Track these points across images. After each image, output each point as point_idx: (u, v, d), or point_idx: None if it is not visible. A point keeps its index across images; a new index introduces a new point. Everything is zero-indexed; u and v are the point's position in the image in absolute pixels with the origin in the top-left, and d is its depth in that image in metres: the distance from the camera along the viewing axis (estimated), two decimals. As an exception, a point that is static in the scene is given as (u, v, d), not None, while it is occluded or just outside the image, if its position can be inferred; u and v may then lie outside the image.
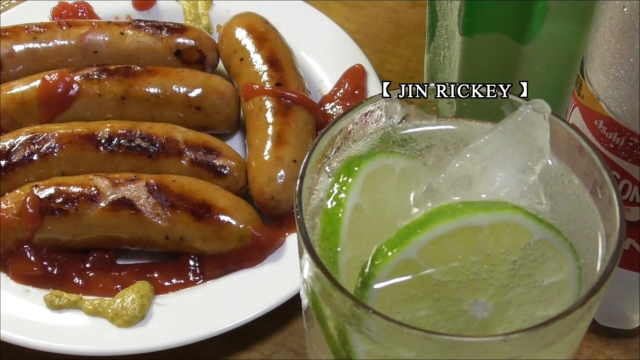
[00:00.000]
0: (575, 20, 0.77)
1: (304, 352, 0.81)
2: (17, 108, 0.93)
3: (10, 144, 0.89)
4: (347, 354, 0.50)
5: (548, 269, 0.50)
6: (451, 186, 0.53)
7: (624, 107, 0.63)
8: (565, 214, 0.54)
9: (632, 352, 0.79)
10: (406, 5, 1.15)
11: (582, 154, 0.54)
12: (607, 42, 0.62)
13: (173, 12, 1.10)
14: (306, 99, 0.94)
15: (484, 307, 0.49)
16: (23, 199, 0.84)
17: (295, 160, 0.88)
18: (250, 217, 0.85)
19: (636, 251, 0.71)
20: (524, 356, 0.47)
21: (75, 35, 0.98)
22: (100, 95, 0.93)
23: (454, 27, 0.80)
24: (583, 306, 0.46)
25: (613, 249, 0.49)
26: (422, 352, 0.46)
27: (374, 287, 0.48)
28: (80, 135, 0.89)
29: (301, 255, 0.51)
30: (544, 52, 0.79)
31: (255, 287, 0.82)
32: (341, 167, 0.53)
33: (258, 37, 0.98)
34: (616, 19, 0.61)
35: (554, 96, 0.85)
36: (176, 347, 0.78)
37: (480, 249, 0.49)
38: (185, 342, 0.78)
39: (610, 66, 0.63)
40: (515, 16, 0.75)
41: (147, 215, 0.83)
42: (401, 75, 1.06)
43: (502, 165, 0.53)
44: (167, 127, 0.92)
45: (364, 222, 0.51)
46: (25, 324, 0.79)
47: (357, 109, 0.57)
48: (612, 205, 0.51)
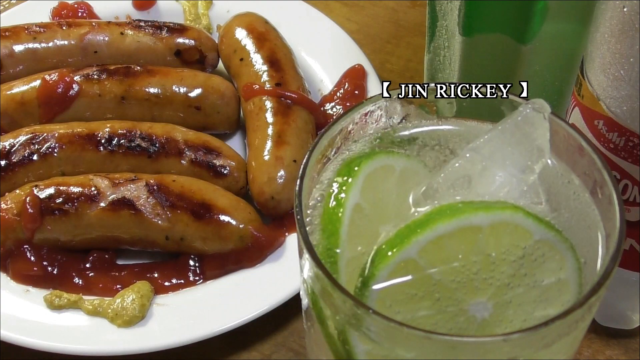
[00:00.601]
0: (575, 20, 0.77)
1: (304, 352, 0.81)
2: (17, 108, 0.93)
3: (10, 144, 0.89)
4: (347, 354, 0.50)
5: (548, 268, 0.50)
6: (451, 186, 0.53)
7: (624, 107, 0.63)
8: (565, 213, 0.54)
9: (632, 352, 0.79)
10: (406, 5, 1.15)
11: (582, 154, 0.54)
12: (607, 42, 0.62)
13: (173, 12, 1.10)
14: (306, 99, 0.94)
15: (484, 307, 0.49)
16: (23, 199, 0.84)
17: (295, 160, 0.88)
18: (250, 217, 0.85)
19: (636, 251, 0.71)
20: (524, 356, 0.47)
21: (75, 35, 0.98)
22: (100, 95, 0.93)
23: (454, 27, 0.80)
24: (583, 306, 0.46)
25: (613, 249, 0.49)
26: (422, 352, 0.46)
27: (373, 287, 0.48)
28: (80, 135, 0.89)
29: (301, 255, 0.51)
30: (544, 52, 0.79)
31: (255, 287, 0.82)
32: (341, 167, 0.53)
33: (258, 37, 0.98)
34: (616, 19, 0.61)
35: (554, 96, 0.85)
36: (176, 347, 0.78)
37: (481, 248, 0.49)
38: (185, 342, 0.78)
39: (610, 66, 0.63)
40: (515, 16, 0.75)
41: (147, 215, 0.83)
42: (401, 75, 1.06)
43: (501, 164, 0.53)
44: (167, 127, 0.92)
45: (364, 222, 0.51)
46: (25, 324, 0.79)
47: (357, 109, 0.57)
48: (612, 205, 0.51)
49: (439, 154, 0.58)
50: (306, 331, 0.59)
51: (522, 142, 0.53)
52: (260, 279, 0.83)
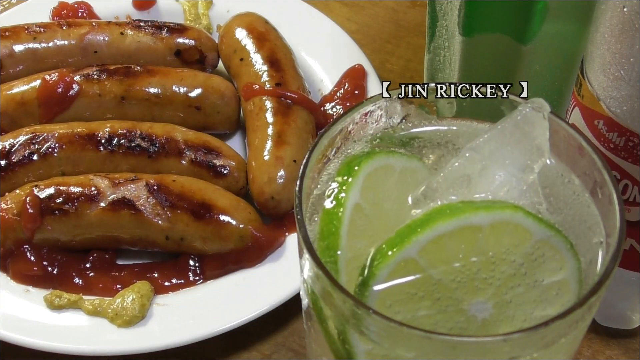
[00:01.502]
0: (575, 20, 0.77)
1: (304, 352, 0.81)
2: (17, 108, 0.93)
3: (10, 144, 0.89)
4: (347, 353, 0.50)
5: (548, 268, 0.49)
6: (450, 185, 0.53)
7: (624, 107, 0.63)
8: (565, 213, 0.54)
9: (632, 352, 0.79)
10: (406, 5, 1.15)
11: (582, 154, 0.54)
12: (607, 42, 0.62)
13: (173, 12, 1.09)
14: (306, 99, 0.94)
15: (484, 307, 0.49)
16: (23, 198, 0.84)
17: (295, 160, 0.88)
18: (250, 217, 0.85)
19: (636, 251, 0.71)
20: (524, 356, 0.46)
21: (75, 35, 0.98)
22: (100, 95, 0.93)
23: (454, 27, 0.80)
24: (583, 306, 0.46)
25: (613, 249, 0.48)
26: (422, 352, 0.46)
27: (374, 286, 0.48)
28: (80, 135, 0.89)
29: (301, 255, 0.51)
30: (544, 52, 0.79)
31: (255, 287, 0.82)
32: (341, 167, 0.53)
33: (258, 37, 0.98)
34: (616, 19, 0.61)
35: (554, 96, 0.85)
36: (176, 347, 0.78)
37: (481, 248, 0.49)
38: (185, 342, 0.78)
39: (610, 66, 0.62)
40: (515, 16, 0.75)
41: (147, 215, 0.83)
42: (401, 75, 1.06)
43: (501, 164, 0.53)
44: (167, 127, 0.91)
45: (364, 222, 0.51)
46: (25, 324, 0.79)
47: (357, 109, 0.57)
48: (612, 205, 0.50)
49: (439, 154, 0.58)
50: (306, 331, 0.59)
51: (521, 142, 0.53)
52: (260, 279, 0.83)
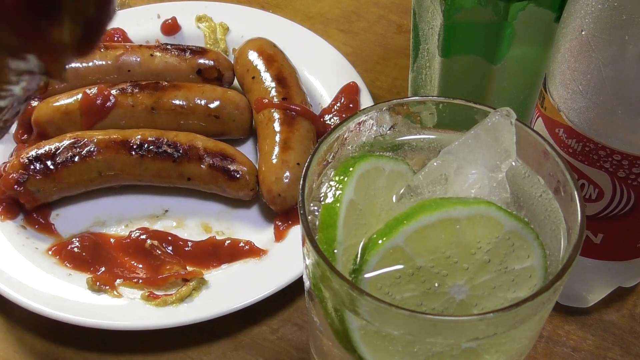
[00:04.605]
0: (538, 43, 0.76)
1: (306, 326, 0.80)
2: (62, 117, 0.91)
3: (56, 147, 0.87)
4: (344, 329, 0.49)
5: (518, 256, 0.48)
6: (430, 183, 0.52)
7: (581, 117, 0.62)
8: (532, 209, 0.53)
9: (587, 327, 0.78)
10: (393, 31, 1.14)
11: (546, 158, 0.53)
12: (567, 61, 0.61)
13: (195, 37, 1.08)
14: (308, 111, 0.93)
15: (462, 290, 0.47)
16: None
17: (298, 163, 0.86)
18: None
19: (591, 240, 0.70)
20: (498, 332, 0.45)
21: (112, 56, 0.97)
22: (133, 107, 0.92)
23: (434, 50, 0.79)
24: (549, 290, 0.45)
25: (575, 240, 0.47)
26: (408, 329, 0.45)
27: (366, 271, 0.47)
28: (116, 141, 0.88)
29: (304, 244, 0.50)
30: (512, 70, 0.78)
31: (266, 271, 0.81)
32: (338, 168, 0.52)
33: (267, 59, 0.97)
34: (575, 41, 0.60)
35: (520, 108, 0.84)
36: (200, 322, 0.76)
37: (459, 238, 0.48)
38: (208, 317, 0.76)
39: (569, 82, 0.61)
40: (487, 40, 0.75)
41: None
42: (389, 91, 1.05)
43: (474, 164, 0.52)
44: (189, 136, 0.90)
45: (357, 215, 0.50)
46: (67, 303, 0.78)
47: (352, 119, 0.56)
48: (573, 202, 0.49)
49: (422, 157, 0.57)
50: (308, 309, 0.58)
51: (491, 145, 0.52)
52: (269, 264, 0.82)
